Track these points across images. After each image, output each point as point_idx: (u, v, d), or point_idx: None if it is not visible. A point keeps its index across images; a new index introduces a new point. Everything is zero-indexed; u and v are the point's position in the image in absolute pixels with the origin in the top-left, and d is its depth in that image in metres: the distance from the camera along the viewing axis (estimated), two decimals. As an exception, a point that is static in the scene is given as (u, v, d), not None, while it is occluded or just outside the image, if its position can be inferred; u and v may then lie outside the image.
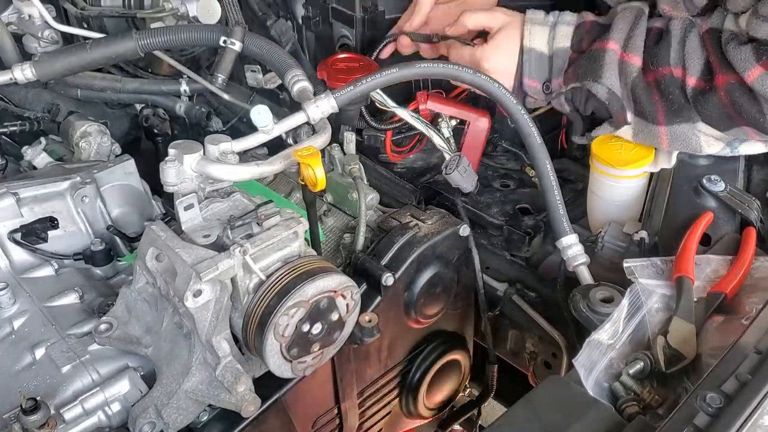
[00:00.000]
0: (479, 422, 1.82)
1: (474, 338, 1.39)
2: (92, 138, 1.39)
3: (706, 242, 1.06)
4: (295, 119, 1.06)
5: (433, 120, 1.50)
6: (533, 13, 1.21)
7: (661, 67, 1.07)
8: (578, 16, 1.20)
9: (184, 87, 1.58)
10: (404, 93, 1.49)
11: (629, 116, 1.12)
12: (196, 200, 0.94)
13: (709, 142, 1.09)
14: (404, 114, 1.29)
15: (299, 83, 1.20)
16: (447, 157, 1.29)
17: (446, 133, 1.50)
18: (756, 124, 1.01)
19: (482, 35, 1.28)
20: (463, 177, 1.29)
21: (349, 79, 1.11)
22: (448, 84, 1.49)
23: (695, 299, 0.95)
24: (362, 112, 1.39)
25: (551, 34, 1.18)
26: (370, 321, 1.02)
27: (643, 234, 1.10)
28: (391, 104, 1.27)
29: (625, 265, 1.00)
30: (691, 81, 1.05)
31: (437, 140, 1.28)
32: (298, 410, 1.08)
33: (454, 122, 1.50)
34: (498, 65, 1.21)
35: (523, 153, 1.57)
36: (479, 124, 1.46)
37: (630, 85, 1.10)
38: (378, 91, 1.23)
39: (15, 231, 1.11)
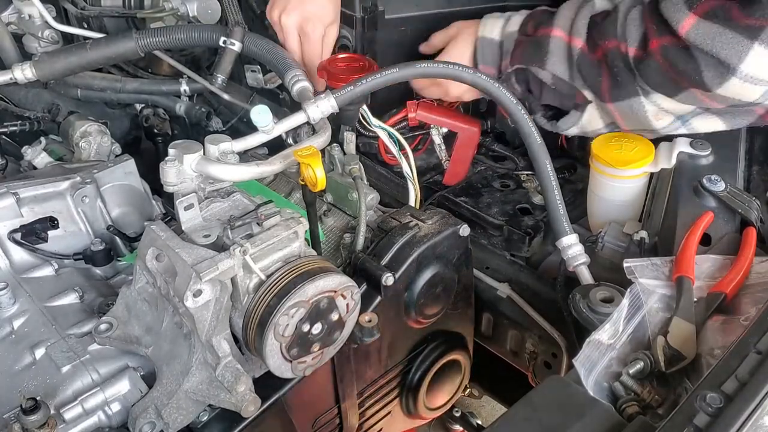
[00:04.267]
0: (479, 422, 1.83)
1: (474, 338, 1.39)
2: (92, 138, 1.39)
3: (706, 242, 1.06)
4: (295, 119, 1.06)
5: (425, 125, 1.51)
6: (493, 14, 1.30)
7: (607, 41, 1.10)
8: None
9: (184, 87, 1.58)
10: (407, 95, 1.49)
11: (588, 94, 1.16)
12: (196, 200, 0.94)
13: (657, 116, 1.11)
14: (383, 135, 1.30)
15: (299, 83, 1.20)
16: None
17: (437, 140, 1.51)
18: (694, 82, 1.01)
19: None
20: None
21: (349, 79, 1.11)
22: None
23: (695, 299, 0.95)
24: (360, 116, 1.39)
25: (505, 24, 1.26)
26: (370, 321, 1.02)
27: (643, 234, 1.10)
28: (374, 123, 1.28)
29: (625, 265, 1.00)
30: (631, 51, 1.07)
31: (405, 168, 1.29)
32: (298, 410, 1.08)
33: (445, 128, 1.51)
34: (454, 56, 1.30)
35: (516, 155, 1.57)
36: (469, 134, 1.46)
37: (576, 66, 1.14)
38: (364, 108, 1.25)
39: (15, 231, 1.11)
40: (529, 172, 1.52)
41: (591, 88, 1.14)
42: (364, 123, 1.30)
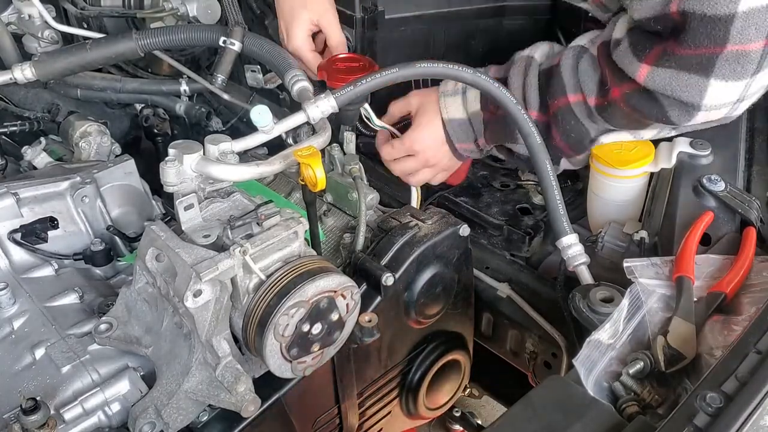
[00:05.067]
0: (479, 422, 1.83)
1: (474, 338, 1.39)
2: (92, 138, 1.39)
3: (706, 242, 1.06)
4: (295, 119, 1.06)
5: None
6: (444, 86, 1.27)
7: (557, 100, 1.12)
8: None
9: (184, 87, 1.58)
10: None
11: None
12: (196, 200, 0.94)
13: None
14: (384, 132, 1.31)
15: (299, 83, 1.20)
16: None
17: None
18: (662, 120, 1.03)
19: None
20: None
21: (349, 79, 1.11)
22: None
23: (695, 299, 0.95)
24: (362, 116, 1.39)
25: (463, 101, 1.24)
26: (370, 321, 1.02)
27: (643, 234, 1.10)
28: (376, 122, 1.29)
29: (625, 265, 1.00)
30: (591, 101, 1.09)
31: None
32: (298, 410, 1.08)
33: None
34: (428, 142, 1.27)
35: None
36: None
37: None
38: (366, 106, 1.25)
39: (15, 231, 1.11)
40: (531, 182, 1.51)
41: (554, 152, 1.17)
42: (366, 122, 1.30)
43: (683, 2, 0.91)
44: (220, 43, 1.35)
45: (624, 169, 1.17)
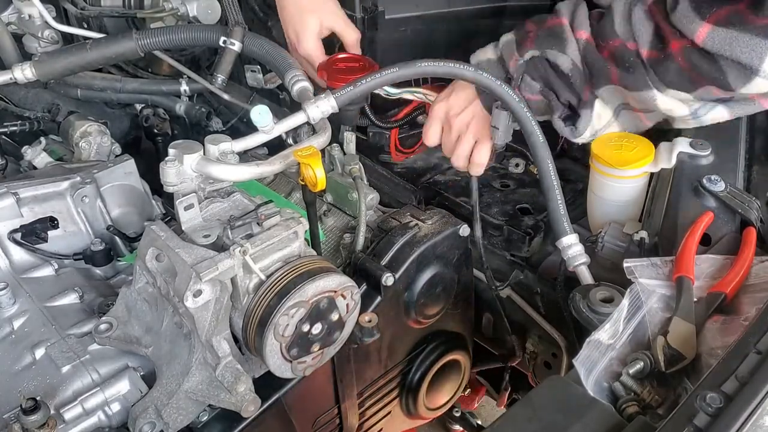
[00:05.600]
0: (479, 422, 1.83)
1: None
2: (92, 138, 1.39)
3: (706, 242, 1.06)
4: (295, 119, 1.06)
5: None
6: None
7: (611, 41, 1.07)
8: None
9: (184, 87, 1.58)
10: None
11: (588, 93, 1.12)
12: (196, 200, 0.94)
13: (672, 108, 1.09)
14: (412, 97, 1.30)
15: (299, 83, 1.20)
16: None
17: None
18: (718, 83, 1.00)
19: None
20: (507, 125, 1.23)
21: (349, 79, 1.11)
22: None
23: (695, 299, 0.95)
24: (366, 110, 1.38)
25: (494, 47, 1.21)
26: (370, 321, 1.02)
27: (643, 234, 1.10)
28: (393, 91, 1.28)
29: (625, 265, 1.00)
30: (644, 52, 1.05)
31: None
32: (298, 410, 1.08)
33: None
34: (457, 93, 1.24)
35: (527, 150, 1.56)
36: None
37: (582, 59, 1.10)
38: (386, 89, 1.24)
39: (15, 231, 1.11)
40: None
41: (600, 78, 1.10)
42: (384, 95, 1.29)
43: None
44: (220, 43, 1.36)
45: (624, 169, 1.16)
